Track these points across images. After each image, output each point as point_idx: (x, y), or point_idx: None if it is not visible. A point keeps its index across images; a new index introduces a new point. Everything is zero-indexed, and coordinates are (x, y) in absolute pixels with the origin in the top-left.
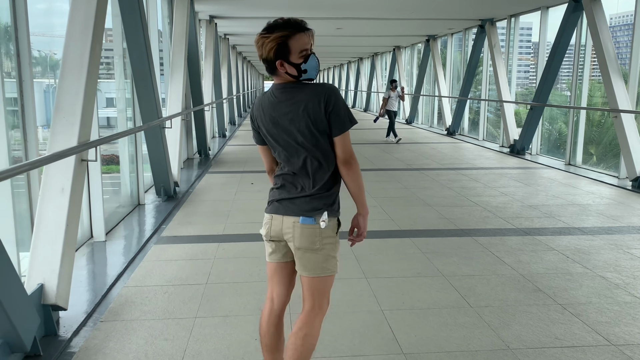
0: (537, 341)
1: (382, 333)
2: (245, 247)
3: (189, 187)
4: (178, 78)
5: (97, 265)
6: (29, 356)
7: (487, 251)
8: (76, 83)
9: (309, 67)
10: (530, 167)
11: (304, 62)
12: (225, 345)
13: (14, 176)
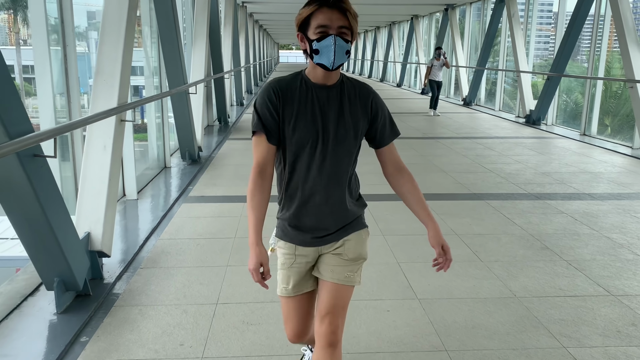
0: (541, 291)
1: (398, 282)
2: (270, 207)
3: (211, 152)
4: (201, 46)
5: (131, 221)
6: (80, 295)
7: (499, 213)
8: (114, 48)
9: (320, 47)
10: (545, 137)
11: (317, 41)
12: (255, 289)
13: (68, 131)
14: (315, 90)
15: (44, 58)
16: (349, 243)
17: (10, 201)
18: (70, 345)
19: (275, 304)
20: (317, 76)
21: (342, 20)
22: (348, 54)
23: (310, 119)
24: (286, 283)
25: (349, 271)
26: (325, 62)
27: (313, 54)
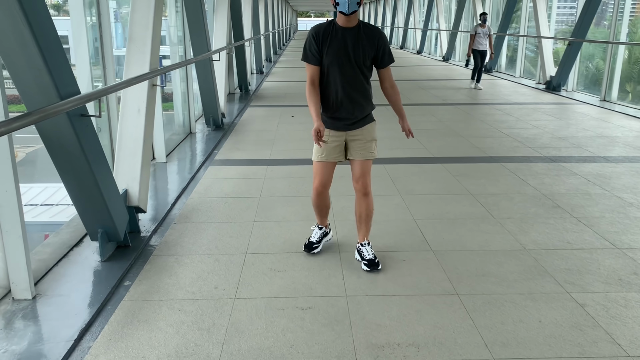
0: (550, 244)
1: (414, 236)
2: (291, 170)
3: (234, 119)
4: (223, 13)
5: (162, 182)
6: (120, 246)
7: (514, 175)
8: (145, 15)
9: (340, 1)
10: (565, 103)
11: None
12: (281, 242)
13: (109, 94)
14: (341, 31)
15: (81, 28)
16: (365, 130)
17: (61, 158)
18: (116, 288)
19: (299, 255)
20: (342, 21)
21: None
22: (359, 4)
23: (337, 48)
24: (321, 152)
25: (368, 149)
26: (343, 9)
27: (336, 5)
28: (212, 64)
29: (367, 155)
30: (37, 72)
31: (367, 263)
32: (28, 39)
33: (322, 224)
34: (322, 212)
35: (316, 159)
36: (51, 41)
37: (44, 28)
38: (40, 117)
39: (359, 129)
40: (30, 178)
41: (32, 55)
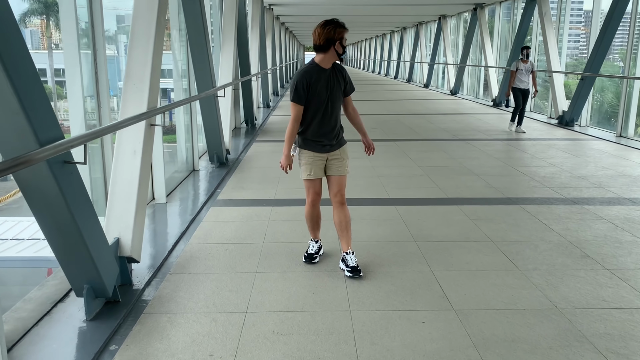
0: (584, 302)
1: (432, 291)
2: (297, 211)
3: (239, 155)
4: (229, 49)
5: (160, 225)
6: (109, 302)
7: (535, 219)
8: (144, 52)
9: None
10: (580, 139)
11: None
12: (285, 297)
13: (98, 137)
14: (322, 72)
15: (74, 61)
16: (342, 151)
17: (40, 208)
18: (100, 354)
19: (305, 314)
20: (323, 63)
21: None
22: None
23: (321, 87)
24: (309, 172)
25: (344, 166)
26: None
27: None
28: (216, 99)
29: (342, 172)
30: (12, 115)
31: (350, 270)
32: (2, 80)
33: (316, 237)
34: (316, 224)
35: (306, 177)
36: (29, 81)
37: (21, 66)
38: (17, 166)
39: (337, 150)
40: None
41: (7, 97)
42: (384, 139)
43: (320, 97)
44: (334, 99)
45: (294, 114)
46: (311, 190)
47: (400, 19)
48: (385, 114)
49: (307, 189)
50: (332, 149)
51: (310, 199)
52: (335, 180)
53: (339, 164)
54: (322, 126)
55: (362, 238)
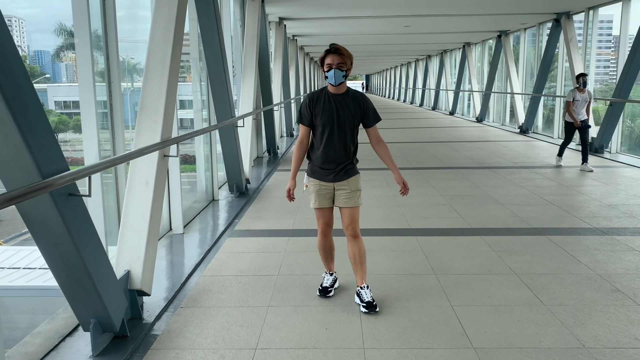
0: (614, 341)
1: (451, 327)
2: (314, 241)
3: (259, 184)
4: (250, 79)
5: (176, 256)
6: (117, 336)
7: (562, 250)
8: (159, 84)
9: (328, 75)
10: (609, 166)
11: (326, 72)
12: (297, 333)
13: (105, 169)
14: (331, 97)
15: (89, 94)
16: (350, 182)
17: (44, 241)
18: None
19: (317, 351)
20: (331, 89)
21: (340, 59)
22: (345, 77)
23: (328, 112)
24: (314, 200)
25: (353, 197)
26: (331, 81)
27: (325, 78)
28: (236, 129)
29: (352, 204)
30: (14, 148)
31: (366, 305)
32: (3, 113)
33: (330, 269)
34: (329, 255)
35: (312, 206)
36: (31, 113)
37: (23, 99)
38: (18, 198)
39: (345, 181)
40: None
41: (8, 130)
42: (406, 167)
43: (325, 120)
44: (340, 124)
45: (300, 135)
46: (320, 220)
47: (425, 47)
48: (409, 141)
49: (317, 218)
50: (336, 178)
51: (320, 229)
52: (345, 213)
53: (348, 196)
54: (327, 152)
55: (379, 270)
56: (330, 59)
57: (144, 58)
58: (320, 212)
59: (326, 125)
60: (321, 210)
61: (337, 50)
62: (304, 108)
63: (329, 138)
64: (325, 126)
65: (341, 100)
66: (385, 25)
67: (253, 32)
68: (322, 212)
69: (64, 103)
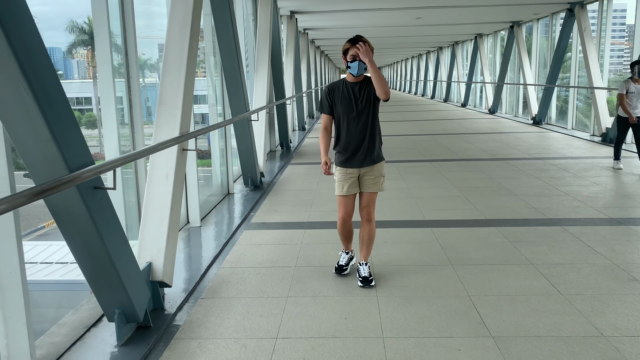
0: (632, 329)
1: (469, 317)
2: (330, 234)
3: (273, 178)
4: (263, 73)
5: (194, 249)
6: (140, 326)
7: (578, 240)
8: (177, 78)
9: (351, 66)
10: (625, 157)
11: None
12: (316, 323)
13: (128, 163)
14: (349, 86)
15: (109, 90)
16: (376, 168)
17: (71, 233)
18: None
19: (337, 340)
20: (350, 78)
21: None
22: (365, 69)
23: (346, 100)
24: (342, 188)
25: (377, 183)
26: (353, 72)
27: (348, 67)
28: (250, 123)
29: (375, 189)
30: (43, 143)
31: (362, 279)
32: (32, 109)
33: (347, 249)
34: (347, 238)
35: (338, 193)
36: (59, 109)
37: (51, 95)
38: (46, 192)
39: (370, 166)
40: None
41: (37, 126)
42: (420, 159)
43: (344, 108)
44: (359, 110)
45: (323, 122)
46: (342, 209)
47: (437, 39)
48: (421, 134)
49: (339, 205)
50: (363, 163)
51: (341, 216)
52: (365, 196)
53: (372, 181)
54: (350, 139)
55: (396, 261)
56: (354, 50)
57: (154, 54)
58: (344, 200)
59: (346, 113)
60: (345, 198)
61: (361, 41)
62: (324, 97)
63: (350, 125)
64: (345, 113)
65: (359, 88)
66: (396, 17)
67: (266, 26)
68: (346, 200)
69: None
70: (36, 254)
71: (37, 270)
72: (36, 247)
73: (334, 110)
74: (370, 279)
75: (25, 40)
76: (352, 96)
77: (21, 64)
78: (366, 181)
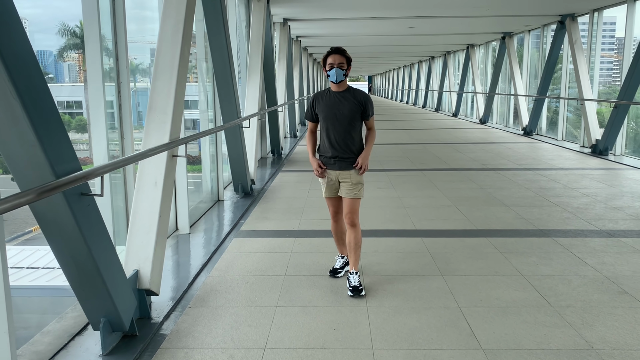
0: (622, 343)
1: (459, 329)
2: (320, 242)
3: (264, 185)
4: (255, 80)
5: (182, 256)
6: (126, 335)
7: (568, 252)
8: (167, 84)
9: (330, 74)
10: (614, 168)
11: (328, 70)
12: (306, 334)
13: (117, 169)
14: (333, 94)
15: (98, 94)
16: (352, 175)
17: (57, 240)
18: None
19: (326, 351)
20: (333, 87)
21: (340, 59)
22: (345, 75)
23: (328, 107)
24: (323, 191)
25: (355, 189)
26: (332, 79)
27: (328, 76)
28: (241, 130)
29: (353, 195)
30: (29, 148)
31: (352, 289)
32: (19, 113)
33: (342, 253)
34: (340, 240)
35: (323, 195)
36: (46, 114)
37: (38, 100)
38: (30, 198)
39: (347, 172)
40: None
41: (24, 131)
42: (410, 168)
43: (326, 115)
44: (339, 117)
45: (309, 127)
46: (330, 208)
47: (429, 48)
48: (412, 143)
49: (328, 206)
50: (341, 166)
51: (331, 215)
52: (346, 203)
53: (350, 188)
54: (330, 143)
55: (386, 271)
56: (332, 58)
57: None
58: (329, 201)
59: (326, 119)
60: (330, 200)
61: (338, 51)
62: (309, 106)
63: (330, 130)
64: (326, 119)
65: (342, 97)
66: (389, 26)
67: (258, 33)
68: (331, 201)
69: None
70: (22, 258)
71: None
72: (22, 252)
73: (318, 116)
74: (360, 288)
75: (13, 44)
76: (334, 105)
77: (8, 68)
78: (344, 187)
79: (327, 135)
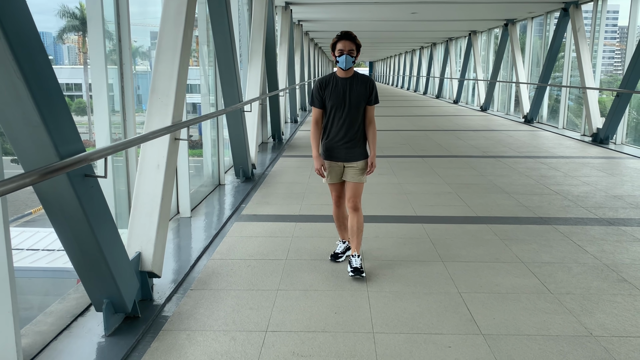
0: (621, 329)
1: (459, 314)
2: (321, 227)
3: (265, 170)
4: (257, 64)
5: (184, 239)
6: (128, 317)
7: (568, 239)
8: (170, 67)
9: (339, 60)
10: (615, 157)
11: (337, 57)
12: (307, 317)
13: (120, 151)
14: (339, 80)
15: (101, 76)
16: (359, 163)
17: (60, 221)
18: None
19: (327, 335)
20: (340, 73)
21: (350, 45)
22: (354, 62)
23: (336, 94)
24: (327, 177)
25: (360, 175)
26: (342, 65)
27: (336, 62)
28: (243, 114)
29: (357, 180)
30: (33, 128)
31: (353, 270)
32: (23, 93)
33: (344, 238)
34: (342, 225)
35: (326, 182)
36: (50, 94)
37: (42, 80)
38: (34, 179)
39: (354, 162)
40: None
41: (28, 111)
42: (411, 155)
43: (334, 103)
44: (348, 105)
45: (313, 117)
46: (333, 193)
47: (430, 34)
48: (413, 130)
49: (330, 191)
50: (347, 158)
51: (333, 200)
52: (349, 186)
53: (355, 173)
54: (337, 131)
55: (387, 257)
56: (342, 44)
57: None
58: (333, 187)
59: (335, 106)
60: (333, 185)
61: (349, 37)
62: (316, 91)
63: (339, 118)
64: (335, 107)
65: (349, 83)
66: (391, 11)
67: (260, 17)
68: (334, 186)
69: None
70: (23, 240)
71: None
72: (23, 234)
73: (325, 104)
74: (361, 269)
75: (16, 21)
76: (343, 92)
77: (12, 46)
78: (349, 172)
79: (335, 123)
